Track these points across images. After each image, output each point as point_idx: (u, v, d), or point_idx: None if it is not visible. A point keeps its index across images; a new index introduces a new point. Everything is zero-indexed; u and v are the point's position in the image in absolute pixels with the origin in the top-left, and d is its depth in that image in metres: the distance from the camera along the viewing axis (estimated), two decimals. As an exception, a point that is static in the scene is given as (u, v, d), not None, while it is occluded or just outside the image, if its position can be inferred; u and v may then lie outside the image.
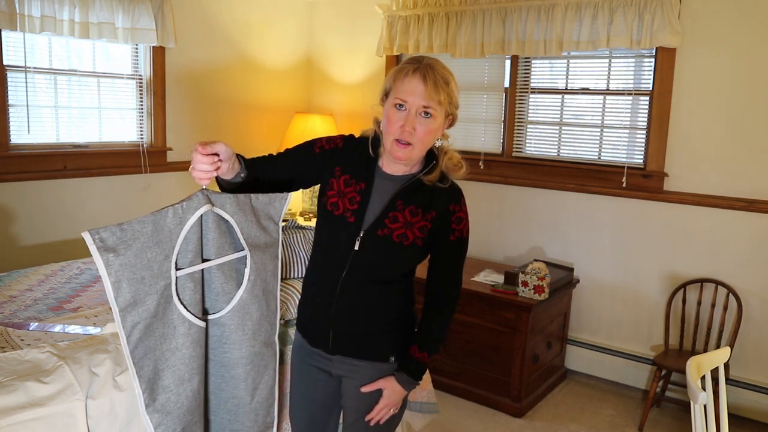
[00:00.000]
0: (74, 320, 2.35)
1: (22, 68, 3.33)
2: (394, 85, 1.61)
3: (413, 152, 1.62)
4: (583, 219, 3.82)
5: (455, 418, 3.31)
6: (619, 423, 3.34)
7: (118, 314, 1.40)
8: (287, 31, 4.78)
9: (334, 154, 1.73)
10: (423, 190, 1.68)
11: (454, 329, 3.52)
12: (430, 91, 1.57)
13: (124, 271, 1.37)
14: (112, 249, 1.35)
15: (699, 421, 1.78)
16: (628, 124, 3.68)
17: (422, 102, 1.58)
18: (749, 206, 3.29)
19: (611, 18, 3.47)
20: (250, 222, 1.64)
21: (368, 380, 1.73)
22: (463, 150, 4.21)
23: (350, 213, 1.67)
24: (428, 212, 1.67)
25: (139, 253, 1.40)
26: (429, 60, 1.63)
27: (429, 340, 1.75)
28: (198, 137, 4.19)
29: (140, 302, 1.43)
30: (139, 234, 1.39)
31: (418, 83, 1.57)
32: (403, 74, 1.60)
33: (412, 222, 1.65)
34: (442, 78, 1.60)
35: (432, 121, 1.61)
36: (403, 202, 1.66)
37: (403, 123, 1.58)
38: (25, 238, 3.44)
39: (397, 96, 1.60)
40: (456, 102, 1.68)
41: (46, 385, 1.63)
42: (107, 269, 1.35)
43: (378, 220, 1.65)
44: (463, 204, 1.72)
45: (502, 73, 4.06)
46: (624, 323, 3.75)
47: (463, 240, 1.71)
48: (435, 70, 1.60)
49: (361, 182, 1.69)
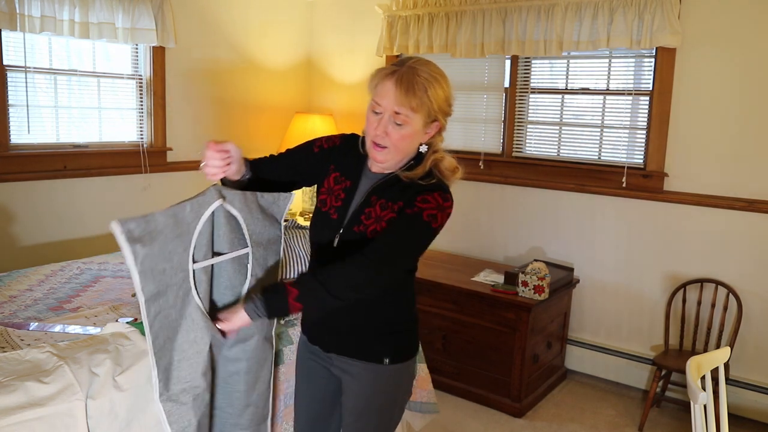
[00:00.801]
0: (74, 320, 2.35)
1: (22, 68, 3.33)
2: (373, 89, 1.59)
3: (389, 155, 1.60)
4: (583, 219, 3.82)
5: (455, 418, 3.31)
6: (619, 423, 3.34)
7: (144, 304, 1.42)
8: (287, 31, 4.78)
9: (332, 153, 1.75)
10: (399, 186, 1.63)
11: (454, 329, 3.53)
12: (401, 96, 1.53)
13: (148, 261, 1.39)
14: (138, 239, 1.36)
15: (699, 421, 1.78)
16: (628, 124, 3.68)
17: (394, 107, 1.54)
18: (749, 206, 3.29)
19: (611, 18, 3.47)
20: (256, 219, 1.68)
21: (363, 382, 1.71)
22: (463, 150, 4.21)
23: (334, 210, 1.68)
24: (396, 203, 1.61)
25: (162, 245, 1.42)
26: (414, 62, 1.57)
27: (307, 279, 1.55)
28: (198, 137, 4.20)
29: (162, 293, 1.45)
30: (163, 226, 1.42)
31: (391, 87, 1.54)
32: (380, 77, 1.57)
33: (381, 216, 1.61)
34: (421, 83, 1.53)
35: (405, 128, 1.56)
36: (377, 197, 1.64)
37: (377, 126, 1.57)
38: (25, 238, 3.44)
39: (373, 99, 1.58)
40: (441, 107, 1.59)
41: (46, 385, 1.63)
42: (135, 259, 1.37)
43: (354, 216, 1.65)
44: (440, 195, 1.58)
45: (502, 73, 4.06)
46: (624, 323, 3.75)
47: (418, 218, 1.55)
48: (415, 73, 1.54)
49: (348, 180, 1.70)
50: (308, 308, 1.58)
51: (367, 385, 1.72)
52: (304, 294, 1.52)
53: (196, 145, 4.18)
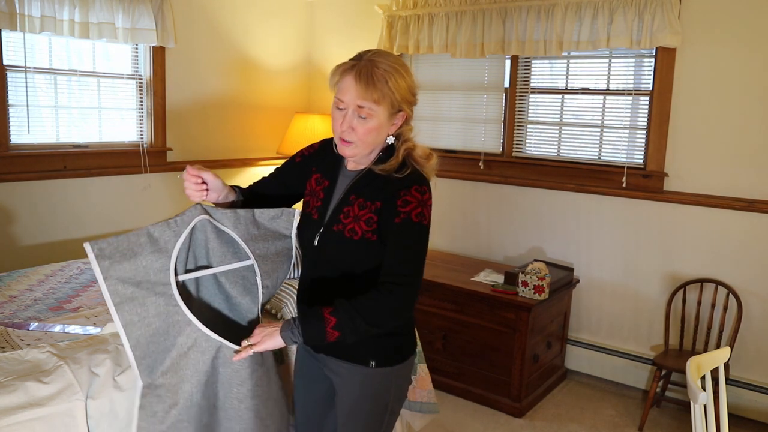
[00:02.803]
0: (74, 320, 2.35)
1: (22, 68, 3.33)
2: (334, 86, 1.60)
3: (357, 149, 1.61)
4: (583, 219, 3.82)
5: (455, 418, 3.31)
6: (619, 423, 3.34)
7: (113, 311, 1.50)
8: (287, 31, 4.78)
9: (312, 158, 1.79)
10: (377, 182, 1.62)
11: (454, 329, 3.53)
12: (362, 90, 1.54)
13: (117, 273, 1.49)
14: (108, 257, 1.48)
15: (699, 421, 1.78)
16: (628, 124, 3.68)
17: (356, 102, 1.55)
18: (749, 206, 3.29)
19: (611, 18, 3.47)
20: (253, 234, 1.70)
21: (350, 385, 1.70)
22: (463, 150, 4.22)
23: (315, 210, 1.70)
24: (374, 203, 1.59)
25: (134, 261, 1.51)
26: (372, 55, 1.57)
27: (346, 306, 1.51)
28: (198, 137, 4.20)
29: (136, 302, 1.52)
30: (135, 244, 1.52)
31: (351, 82, 1.55)
32: (339, 72, 1.58)
33: (360, 215, 1.61)
34: (381, 75, 1.53)
35: (370, 121, 1.57)
36: (355, 196, 1.64)
37: (342, 122, 1.58)
38: (25, 238, 3.44)
39: (336, 95, 1.58)
40: (404, 96, 1.58)
41: (46, 385, 1.63)
42: (102, 272, 1.48)
43: (333, 215, 1.66)
44: (417, 191, 1.57)
45: (502, 73, 4.06)
46: (624, 323, 3.75)
47: (411, 224, 1.54)
48: (374, 65, 1.54)
49: (326, 180, 1.72)
50: (344, 336, 1.52)
51: (353, 387, 1.71)
52: (342, 323, 1.50)
53: (196, 145, 4.19)
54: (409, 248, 1.56)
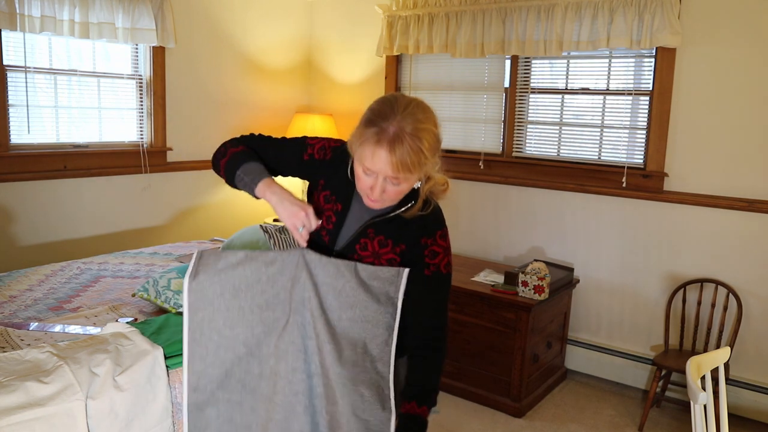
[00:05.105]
0: (74, 320, 2.35)
1: (22, 68, 3.33)
2: (359, 150, 1.48)
3: (385, 204, 1.56)
4: (583, 219, 3.82)
5: (455, 418, 3.31)
6: (619, 423, 3.34)
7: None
8: (287, 31, 4.78)
9: (322, 166, 1.68)
10: (397, 221, 1.59)
11: (453, 329, 3.53)
12: (395, 166, 1.44)
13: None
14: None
15: (699, 421, 1.78)
16: (628, 124, 3.68)
17: (390, 174, 1.47)
18: (749, 206, 3.29)
19: (611, 18, 3.47)
20: (352, 286, 1.54)
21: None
22: (463, 150, 4.22)
23: (325, 232, 1.65)
24: (397, 245, 1.59)
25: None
26: (396, 125, 1.44)
27: (425, 393, 1.59)
28: (198, 137, 4.20)
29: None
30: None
31: (385, 157, 1.44)
32: (369, 144, 1.45)
33: (380, 253, 1.59)
34: (413, 148, 1.44)
35: (403, 184, 1.51)
36: (374, 231, 1.60)
37: (372, 185, 1.50)
38: (25, 238, 3.44)
39: (363, 162, 1.48)
40: (437, 157, 1.52)
41: (46, 385, 1.63)
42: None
43: (349, 245, 1.62)
44: (440, 237, 1.59)
45: (502, 73, 4.06)
46: (624, 323, 3.75)
47: (441, 276, 1.60)
48: (403, 140, 1.43)
49: (339, 203, 1.65)
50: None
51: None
52: (432, 405, 1.61)
53: (196, 145, 4.18)
54: (442, 300, 1.63)
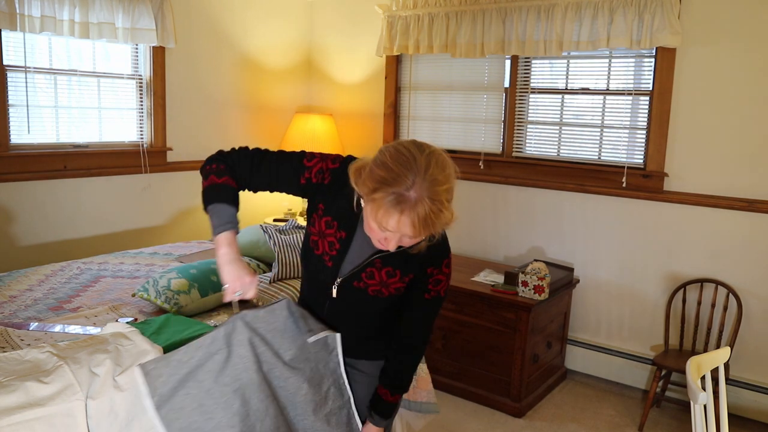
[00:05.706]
0: (74, 320, 2.35)
1: (22, 68, 3.33)
2: (374, 208, 1.39)
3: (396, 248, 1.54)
4: (583, 219, 3.82)
5: (455, 418, 3.31)
6: (619, 423, 3.34)
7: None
8: (287, 31, 4.78)
9: (320, 191, 1.62)
10: (404, 252, 1.57)
11: (454, 329, 3.53)
12: (418, 230, 1.39)
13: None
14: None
15: (699, 421, 1.78)
16: (628, 124, 3.68)
17: (408, 234, 1.41)
18: (749, 206, 3.29)
19: (611, 18, 3.47)
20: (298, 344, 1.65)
21: (365, 377, 1.80)
22: (463, 150, 4.21)
23: (329, 258, 1.64)
24: (405, 275, 1.62)
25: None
26: (416, 192, 1.35)
27: (398, 386, 1.78)
28: (198, 137, 4.20)
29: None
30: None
31: (406, 222, 1.37)
32: (387, 208, 1.36)
33: (389, 282, 1.62)
34: (434, 211, 1.37)
35: (417, 238, 1.46)
36: (381, 261, 1.60)
37: (387, 238, 1.45)
38: (25, 238, 3.44)
39: (379, 222, 1.40)
40: (452, 196, 1.47)
41: (46, 385, 1.62)
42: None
43: (355, 273, 1.62)
44: (445, 266, 1.64)
45: (502, 73, 4.06)
46: (624, 323, 3.75)
47: (439, 299, 1.69)
48: (425, 205, 1.36)
49: (343, 230, 1.61)
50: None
51: (372, 378, 1.81)
52: (403, 393, 1.81)
53: (196, 145, 4.18)
54: (432, 316, 1.74)
